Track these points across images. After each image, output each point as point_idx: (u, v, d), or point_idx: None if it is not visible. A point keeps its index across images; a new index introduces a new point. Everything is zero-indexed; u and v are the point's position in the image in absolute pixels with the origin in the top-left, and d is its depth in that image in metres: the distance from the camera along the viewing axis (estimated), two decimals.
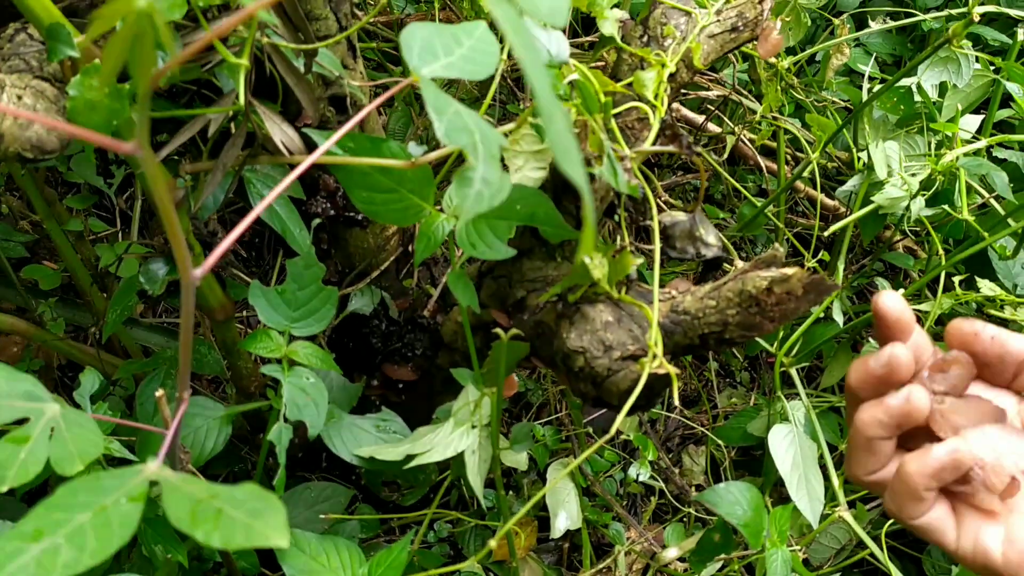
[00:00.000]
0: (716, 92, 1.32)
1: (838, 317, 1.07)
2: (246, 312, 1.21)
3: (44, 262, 1.08)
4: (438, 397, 0.88)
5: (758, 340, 1.05)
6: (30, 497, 0.85)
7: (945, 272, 1.00)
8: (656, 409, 1.24)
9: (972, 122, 1.13)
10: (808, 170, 1.15)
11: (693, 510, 1.13)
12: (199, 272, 0.40)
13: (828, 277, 0.60)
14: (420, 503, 0.98)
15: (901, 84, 1.10)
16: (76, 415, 0.51)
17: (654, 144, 0.67)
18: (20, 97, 0.60)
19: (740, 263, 0.83)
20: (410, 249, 0.89)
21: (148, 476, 0.39)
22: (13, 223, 1.08)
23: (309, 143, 0.67)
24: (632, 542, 1.05)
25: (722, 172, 1.27)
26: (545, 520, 0.97)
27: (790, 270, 0.60)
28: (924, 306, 1.02)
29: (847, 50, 1.16)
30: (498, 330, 0.68)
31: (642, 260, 0.66)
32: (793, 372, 1.01)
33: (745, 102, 1.31)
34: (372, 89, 0.78)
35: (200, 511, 0.36)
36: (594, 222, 0.44)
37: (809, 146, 1.23)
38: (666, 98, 0.68)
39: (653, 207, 0.66)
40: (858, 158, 1.13)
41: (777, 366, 1.00)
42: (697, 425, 1.24)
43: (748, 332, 0.62)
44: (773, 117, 1.21)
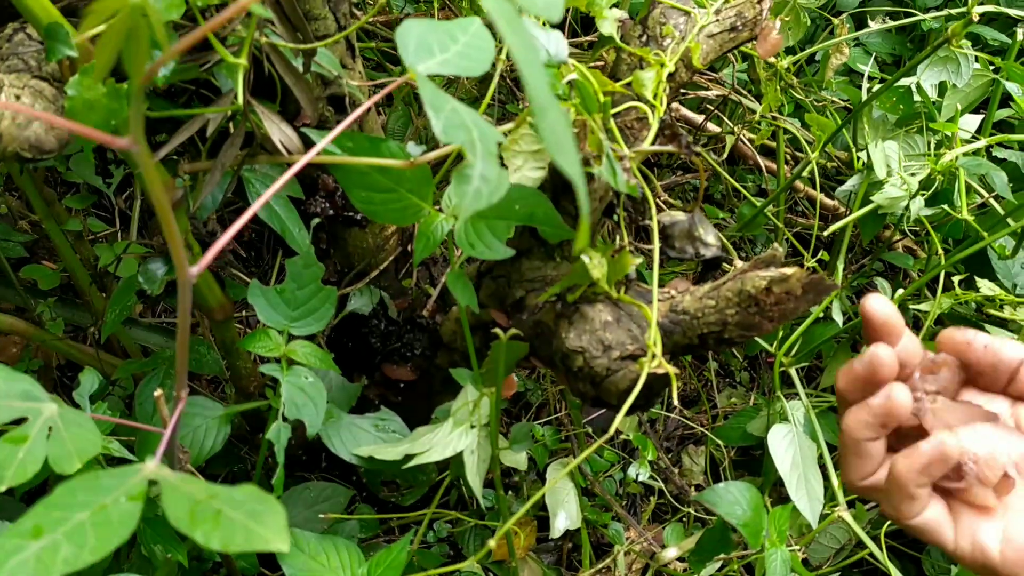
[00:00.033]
0: (715, 92, 1.32)
1: (837, 317, 1.07)
2: (245, 312, 1.21)
3: (43, 262, 1.08)
4: (437, 397, 0.88)
5: (757, 340, 1.05)
6: (29, 497, 0.85)
7: (944, 272, 1.00)
8: (655, 409, 1.23)
9: (971, 122, 1.13)
10: (807, 170, 1.15)
11: (692, 510, 1.13)
12: (195, 270, 0.40)
13: (827, 277, 0.60)
14: (420, 503, 0.98)
15: (900, 84, 1.10)
16: (74, 414, 0.51)
17: (653, 144, 0.67)
18: (18, 97, 0.60)
19: (739, 263, 0.83)
20: (409, 249, 0.89)
21: (147, 475, 0.39)
22: (12, 223, 1.08)
23: (308, 143, 0.67)
24: (631, 542, 1.05)
25: (721, 172, 1.27)
26: (545, 520, 0.97)
27: (789, 270, 0.60)
28: (924, 306, 1.02)
29: (846, 50, 1.16)
30: (497, 330, 0.68)
31: (641, 260, 0.66)
32: (792, 372, 1.01)
33: (744, 102, 1.31)
34: (371, 89, 0.78)
35: (199, 512, 0.36)
36: (589, 214, 0.44)
37: (808, 146, 1.23)
38: (665, 98, 0.68)
39: (652, 207, 0.66)
40: (857, 158, 1.13)
41: (777, 366, 1.00)
42: (697, 425, 1.24)
43: (747, 332, 0.62)
44: (772, 117, 1.21)
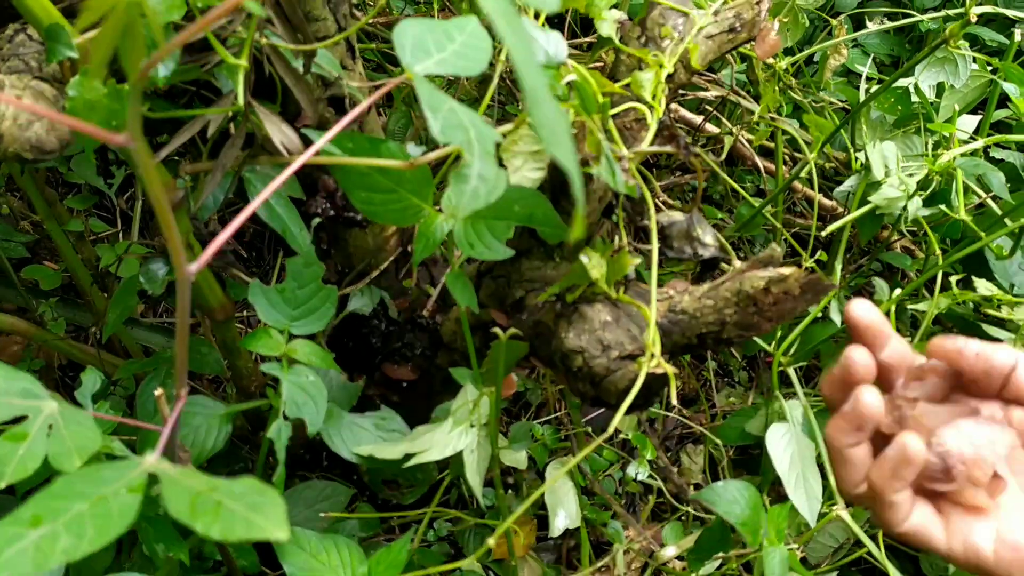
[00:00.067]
0: (714, 93, 1.32)
1: (836, 317, 1.08)
2: (246, 312, 1.22)
3: (45, 262, 1.09)
4: (437, 397, 0.88)
5: (756, 340, 1.05)
6: (29, 496, 0.85)
7: (942, 272, 1.00)
8: (655, 408, 1.24)
9: (969, 122, 1.13)
10: (806, 170, 1.16)
11: (691, 509, 1.13)
12: (194, 267, 0.40)
13: (825, 277, 0.61)
14: (420, 502, 0.99)
15: (898, 84, 1.10)
16: (74, 412, 0.51)
17: (652, 144, 0.68)
18: (19, 97, 0.61)
19: (738, 263, 0.83)
20: (409, 249, 0.89)
21: (147, 468, 0.39)
22: (14, 223, 1.08)
23: (308, 144, 0.68)
24: (631, 541, 1.05)
25: (720, 172, 1.27)
26: (544, 519, 0.97)
27: (787, 270, 0.60)
28: (921, 306, 1.02)
29: (845, 51, 1.16)
30: (497, 330, 0.69)
31: (640, 260, 0.67)
32: (791, 371, 1.02)
33: (743, 103, 1.31)
34: (371, 90, 0.78)
35: (199, 503, 0.36)
36: (584, 204, 0.44)
37: (807, 146, 1.23)
38: (664, 99, 0.69)
39: (651, 207, 0.67)
40: (856, 158, 1.13)
41: (775, 365, 1.00)
42: (695, 424, 1.24)
43: (746, 332, 0.63)
44: (771, 118, 1.21)
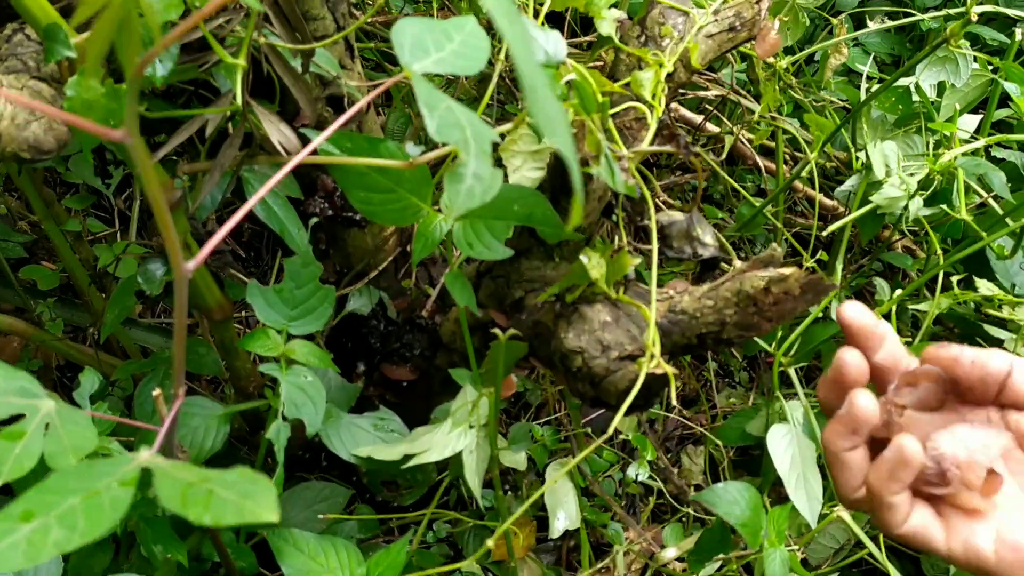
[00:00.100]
0: (714, 92, 1.32)
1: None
2: (245, 313, 1.21)
3: (42, 262, 1.08)
4: (436, 397, 0.88)
5: (757, 340, 1.05)
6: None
7: (943, 272, 1.00)
8: (655, 409, 1.23)
9: (970, 122, 1.13)
10: (807, 170, 1.15)
11: (692, 510, 1.13)
12: (191, 265, 0.40)
13: (826, 277, 0.60)
14: (419, 503, 0.98)
15: (899, 84, 1.10)
16: (71, 411, 0.51)
17: (652, 144, 0.67)
18: (15, 102, 0.60)
19: (738, 263, 0.83)
20: (408, 249, 0.89)
21: (141, 463, 0.39)
22: (12, 223, 1.08)
23: (306, 143, 0.67)
24: (631, 542, 1.05)
25: (720, 172, 1.27)
26: (544, 520, 0.97)
27: (787, 270, 0.60)
28: (922, 306, 1.02)
29: (845, 50, 1.16)
30: (496, 330, 0.68)
31: (640, 260, 0.66)
32: (792, 372, 1.01)
33: (743, 102, 1.31)
34: (370, 89, 0.78)
35: (191, 493, 0.36)
36: (583, 191, 0.44)
37: (807, 146, 1.23)
38: (664, 98, 0.68)
39: (651, 207, 0.66)
40: (856, 158, 1.13)
41: (776, 366, 1.00)
42: (696, 425, 1.24)
43: (746, 332, 0.62)
44: (771, 117, 1.21)
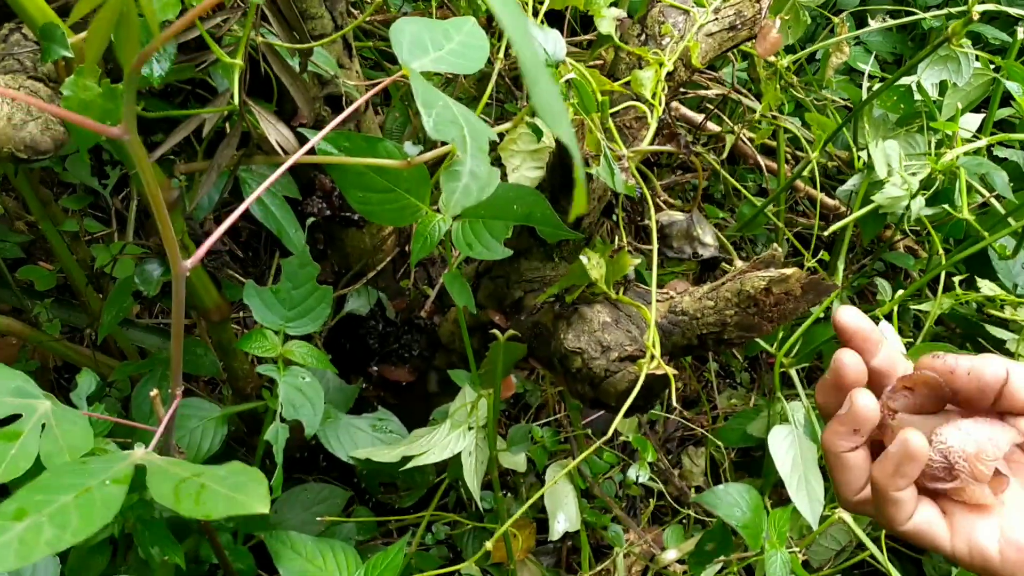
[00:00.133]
0: (715, 91, 1.31)
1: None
2: (243, 313, 1.21)
3: (40, 263, 1.08)
4: (435, 398, 0.87)
5: (758, 341, 1.04)
6: None
7: (945, 272, 1.00)
8: (655, 410, 1.23)
9: (972, 121, 1.12)
10: (808, 169, 1.15)
11: (692, 512, 1.12)
12: (189, 263, 0.40)
13: (827, 277, 0.60)
14: (418, 505, 0.98)
15: (901, 83, 1.09)
16: (67, 412, 0.51)
17: (652, 143, 0.67)
18: (13, 99, 0.60)
19: (739, 263, 0.83)
20: (407, 249, 0.88)
21: (135, 460, 0.40)
22: (9, 224, 1.08)
23: (304, 143, 0.67)
24: (631, 544, 1.05)
25: (721, 171, 1.26)
26: (544, 522, 0.96)
27: (788, 270, 0.59)
28: (924, 306, 1.02)
29: (847, 48, 1.16)
30: (495, 331, 0.68)
31: (640, 260, 0.66)
32: (793, 373, 1.01)
33: (744, 101, 1.30)
34: (368, 88, 0.77)
35: (183, 488, 0.37)
36: (584, 181, 0.44)
37: (809, 145, 1.22)
38: (664, 97, 0.68)
39: (651, 207, 0.66)
40: (858, 157, 1.12)
41: (777, 367, 0.99)
42: (697, 426, 1.23)
43: (747, 333, 0.62)
44: (773, 116, 1.20)
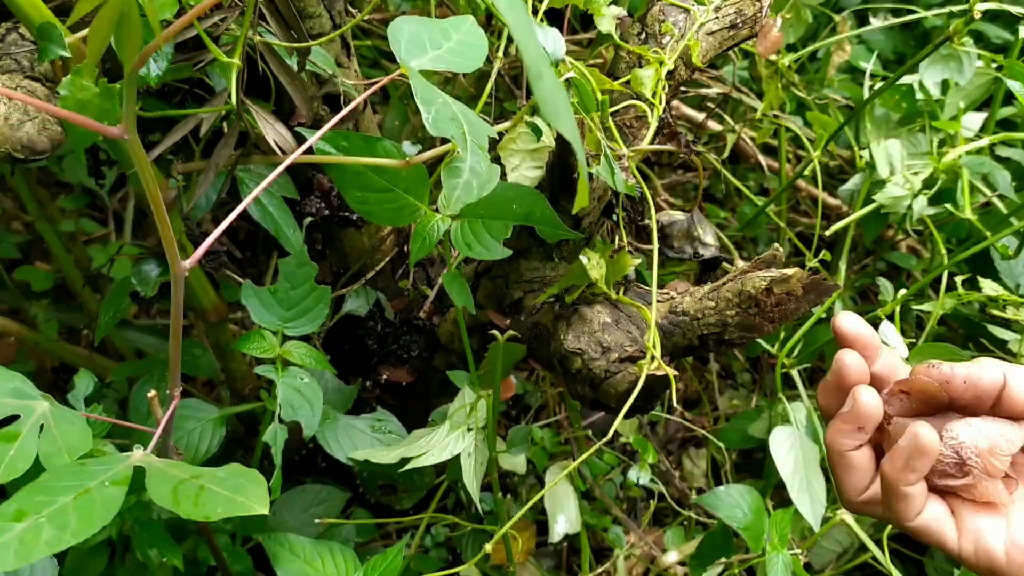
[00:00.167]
0: (716, 89, 1.31)
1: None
2: (241, 314, 1.20)
3: (37, 263, 1.08)
4: (435, 399, 0.87)
5: (759, 341, 1.04)
6: None
7: (947, 272, 0.99)
8: (656, 411, 1.22)
9: (975, 120, 1.12)
10: (810, 168, 1.14)
11: (693, 513, 1.12)
12: (188, 263, 0.41)
13: (829, 277, 0.60)
14: (418, 506, 0.97)
15: (903, 82, 1.09)
16: (66, 412, 0.51)
17: (652, 143, 0.66)
18: (11, 98, 0.60)
19: (741, 263, 0.82)
20: (406, 249, 0.88)
21: (134, 462, 0.40)
22: (6, 224, 1.08)
23: (302, 142, 0.67)
24: (632, 546, 1.04)
25: (723, 171, 1.26)
26: (544, 524, 0.96)
27: (790, 270, 0.59)
28: (927, 306, 1.01)
29: (848, 47, 1.15)
30: (495, 331, 0.67)
31: (640, 260, 0.66)
32: (795, 373, 1.00)
33: (746, 99, 1.30)
34: (367, 87, 0.77)
35: (182, 489, 0.38)
36: (587, 175, 0.44)
37: (811, 144, 1.22)
38: (664, 96, 0.67)
39: (651, 206, 0.66)
40: (860, 156, 1.12)
41: (778, 367, 0.99)
42: (698, 427, 1.23)
43: (748, 333, 0.62)
44: (774, 115, 1.20)
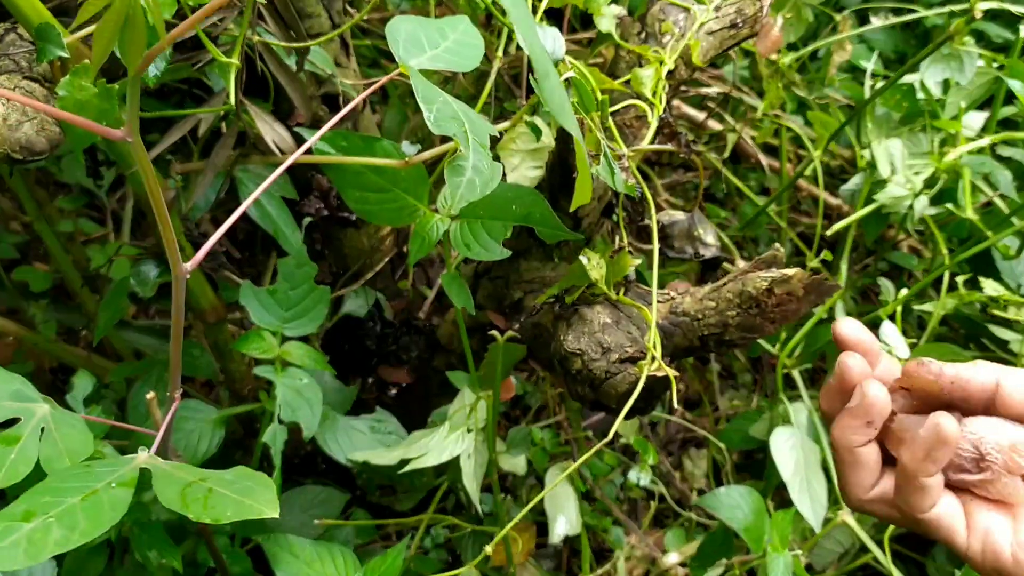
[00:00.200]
0: (717, 89, 1.30)
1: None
2: (240, 315, 1.20)
3: (35, 263, 1.07)
4: (434, 400, 0.87)
5: (760, 342, 1.04)
6: None
7: (949, 272, 0.99)
8: (656, 412, 1.22)
9: (976, 119, 1.11)
10: (810, 168, 1.14)
11: (694, 514, 1.11)
12: (189, 265, 0.41)
13: (830, 277, 0.59)
14: (417, 508, 0.97)
15: (904, 81, 1.08)
16: (66, 415, 0.51)
17: (652, 142, 0.66)
18: (9, 99, 0.60)
19: (741, 263, 0.82)
20: (405, 250, 0.88)
21: (139, 464, 0.40)
22: (4, 224, 1.07)
23: (301, 142, 0.66)
24: (632, 547, 1.04)
25: (723, 170, 1.26)
26: (544, 525, 0.96)
27: (791, 271, 0.59)
28: (928, 306, 1.01)
29: (849, 46, 1.15)
30: (494, 332, 0.67)
31: (641, 260, 0.65)
32: (796, 374, 1.00)
33: (746, 99, 1.29)
34: (366, 87, 0.77)
35: (190, 492, 0.38)
36: (588, 170, 0.44)
37: (811, 144, 1.21)
38: (665, 95, 0.67)
39: (652, 206, 0.65)
40: (861, 156, 1.12)
41: (779, 368, 0.99)
42: (698, 428, 1.22)
43: (749, 334, 0.61)
44: (775, 114, 1.19)
